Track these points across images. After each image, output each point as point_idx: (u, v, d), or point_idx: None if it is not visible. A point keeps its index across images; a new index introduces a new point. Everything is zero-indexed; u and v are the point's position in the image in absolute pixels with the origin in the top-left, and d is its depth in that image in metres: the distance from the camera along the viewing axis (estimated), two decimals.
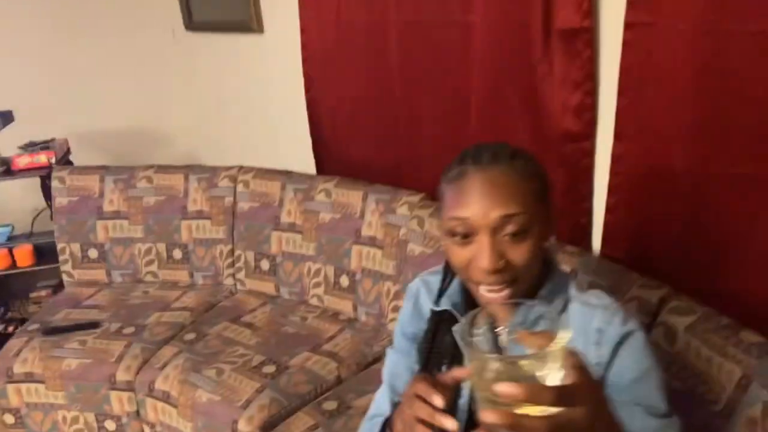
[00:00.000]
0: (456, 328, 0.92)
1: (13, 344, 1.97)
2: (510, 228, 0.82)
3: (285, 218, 2.12)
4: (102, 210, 2.30)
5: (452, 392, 0.67)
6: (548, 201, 0.90)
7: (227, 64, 2.74)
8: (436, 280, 1.02)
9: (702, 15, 1.18)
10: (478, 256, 0.83)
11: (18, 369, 1.90)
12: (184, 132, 3.03)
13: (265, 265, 2.17)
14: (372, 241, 1.92)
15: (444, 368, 0.94)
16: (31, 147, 2.52)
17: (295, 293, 2.12)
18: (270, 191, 2.17)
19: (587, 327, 0.87)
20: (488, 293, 0.85)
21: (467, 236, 0.84)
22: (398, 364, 1.04)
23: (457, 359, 0.92)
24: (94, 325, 2.01)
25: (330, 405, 1.61)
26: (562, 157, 1.51)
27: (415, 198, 1.87)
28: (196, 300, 2.18)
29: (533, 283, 0.89)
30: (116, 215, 2.30)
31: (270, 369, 1.75)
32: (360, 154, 2.19)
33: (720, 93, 1.20)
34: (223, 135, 2.88)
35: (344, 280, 1.99)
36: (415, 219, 1.81)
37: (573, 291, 0.92)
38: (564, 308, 0.91)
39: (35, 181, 2.57)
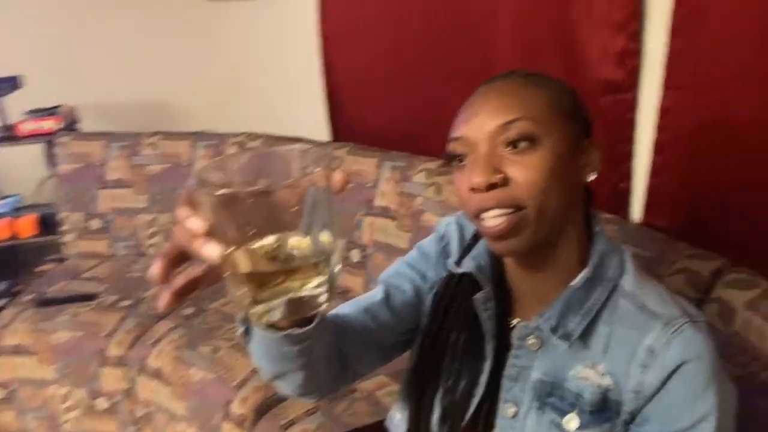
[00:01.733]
0: (478, 297, 0.75)
1: (4, 315, 1.87)
2: (509, 135, 0.65)
3: None
4: (105, 178, 2.19)
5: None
6: (581, 126, 0.70)
7: (243, 32, 2.60)
8: (471, 230, 0.84)
9: None
10: (470, 172, 0.65)
11: (7, 341, 1.79)
12: (199, 103, 2.91)
13: None
14: (385, 212, 1.76)
15: (460, 341, 0.77)
16: (37, 113, 2.43)
17: None
18: None
19: (636, 340, 0.66)
20: (488, 223, 0.66)
21: (463, 159, 0.68)
22: (401, 274, 0.86)
23: (475, 332, 0.76)
24: (89, 297, 1.90)
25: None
26: (600, 111, 1.32)
27: (434, 164, 1.69)
28: None
29: (558, 238, 0.69)
30: (119, 184, 2.19)
31: None
32: (378, 120, 2.03)
33: None
34: (239, 105, 2.75)
35: (354, 255, 1.83)
36: (433, 186, 1.64)
37: (628, 280, 0.70)
38: (606, 301, 0.69)
39: (43, 150, 2.48)
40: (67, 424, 1.81)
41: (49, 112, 2.44)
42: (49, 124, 2.36)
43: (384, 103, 1.98)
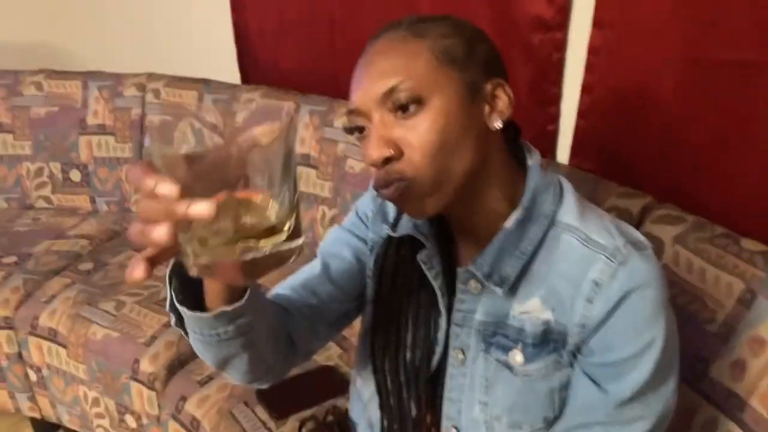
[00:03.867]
0: (422, 258, 0.70)
1: None
2: (396, 100, 0.60)
3: None
4: None
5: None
6: (479, 70, 0.64)
7: None
8: None
9: None
10: (365, 147, 0.62)
11: None
12: (90, 44, 2.61)
13: None
14: (306, 160, 1.66)
15: (412, 303, 0.74)
16: None
17: None
18: (185, 102, 1.86)
19: (580, 275, 0.64)
20: (382, 195, 0.64)
21: (363, 130, 0.63)
22: (339, 240, 0.82)
23: (426, 290, 0.72)
24: None
25: None
26: (529, 51, 1.29)
27: None
28: (97, 227, 1.86)
29: (478, 188, 0.65)
30: None
31: None
32: (293, 61, 1.90)
33: None
34: (128, 43, 2.49)
35: None
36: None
37: (567, 212, 0.67)
38: (543, 238, 0.66)
39: None
40: None
41: None
42: None
43: (298, 45, 1.86)
